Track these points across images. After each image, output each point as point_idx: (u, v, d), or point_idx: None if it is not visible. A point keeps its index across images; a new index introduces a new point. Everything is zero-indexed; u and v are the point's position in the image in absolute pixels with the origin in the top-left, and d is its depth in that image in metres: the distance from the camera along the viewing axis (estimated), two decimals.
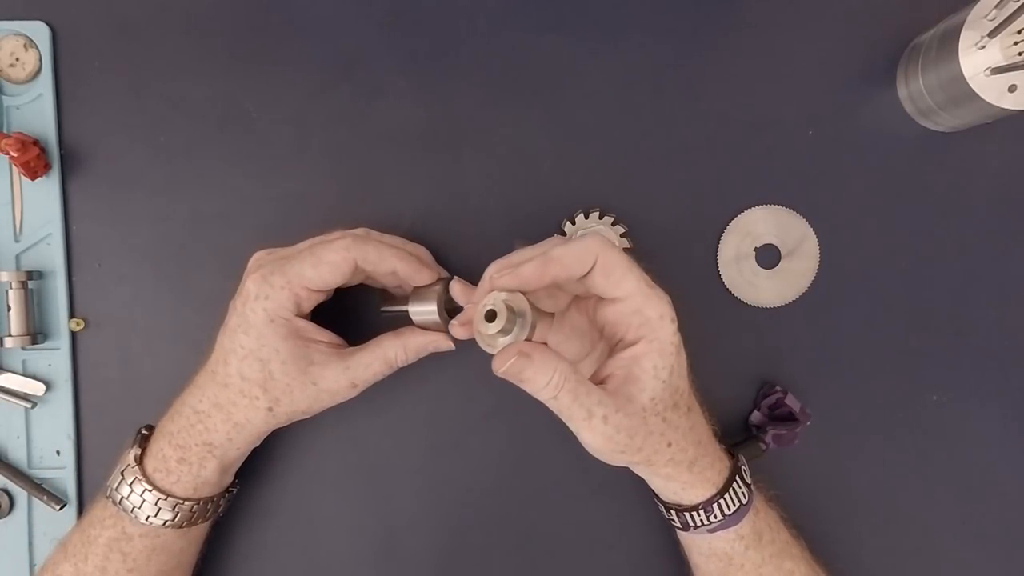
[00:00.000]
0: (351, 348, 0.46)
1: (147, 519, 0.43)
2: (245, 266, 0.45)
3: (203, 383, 0.44)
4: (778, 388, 0.50)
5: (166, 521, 0.43)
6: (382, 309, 0.49)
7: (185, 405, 0.45)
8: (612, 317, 0.41)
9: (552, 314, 0.45)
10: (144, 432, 0.46)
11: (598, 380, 0.41)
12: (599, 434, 0.39)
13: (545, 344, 0.41)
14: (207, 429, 0.44)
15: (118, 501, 0.44)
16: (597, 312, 0.42)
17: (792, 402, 0.49)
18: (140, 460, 0.44)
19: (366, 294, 0.49)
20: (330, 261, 0.42)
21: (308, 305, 0.44)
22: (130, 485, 0.44)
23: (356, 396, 0.45)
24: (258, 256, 0.45)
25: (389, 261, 0.43)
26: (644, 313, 0.40)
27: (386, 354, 0.45)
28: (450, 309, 0.46)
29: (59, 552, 0.45)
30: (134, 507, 0.43)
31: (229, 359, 0.43)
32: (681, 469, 0.43)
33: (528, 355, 0.37)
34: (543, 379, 0.37)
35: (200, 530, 0.47)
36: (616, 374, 0.40)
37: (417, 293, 0.46)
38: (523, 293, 0.40)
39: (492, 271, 0.40)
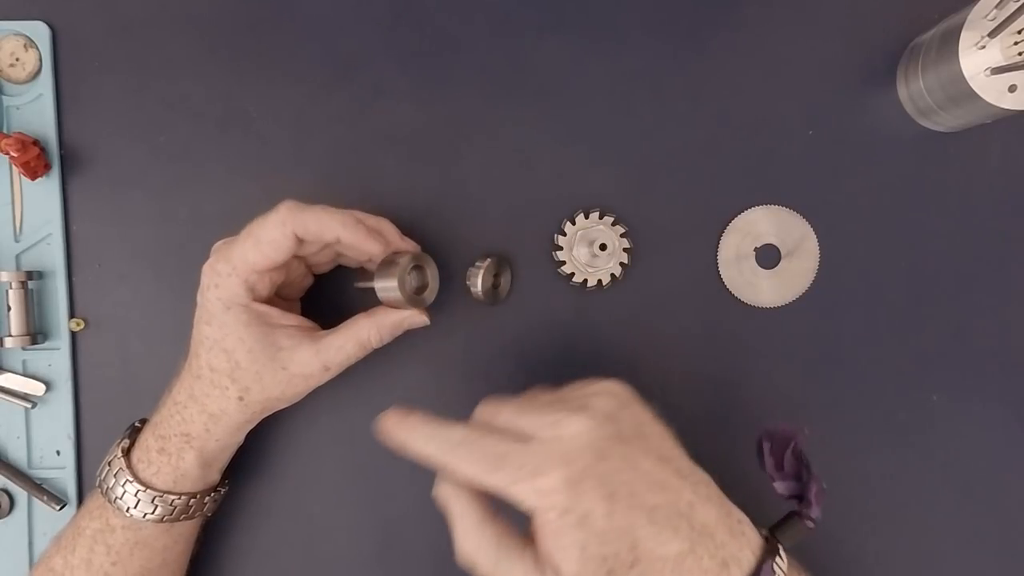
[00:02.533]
0: (323, 331, 0.45)
1: (128, 511, 0.43)
2: None
3: (182, 374, 0.45)
4: (763, 441, 0.41)
5: (146, 514, 0.43)
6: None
7: (168, 396, 0.45)
8: None
9: None
10: (137, 425, 0.46)
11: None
12: None
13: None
14: (184, 420, 0.44)
15: (104, 492, 0.44)
16: None
17: (781, 436, 0.41)
18: (127, 451, 0.45)
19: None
20: (269, 239, 0.41)
21: (263, 287, 0.42)
22: (115, 475, 0.44)
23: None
24: (216, 245, 0.45)
25: (332, 229, 0.41)
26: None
27: (359, 335, 0.44)
28: (417, 287, 0.45)
29: (53, 544, 0.46)
30: (116, 498, 0.43)
31: (199, 351, 0.43)
32: None
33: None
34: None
35: (186, 528, 0.46)
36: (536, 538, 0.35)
37: (381, 269, 0.44)
38: None
39: None
